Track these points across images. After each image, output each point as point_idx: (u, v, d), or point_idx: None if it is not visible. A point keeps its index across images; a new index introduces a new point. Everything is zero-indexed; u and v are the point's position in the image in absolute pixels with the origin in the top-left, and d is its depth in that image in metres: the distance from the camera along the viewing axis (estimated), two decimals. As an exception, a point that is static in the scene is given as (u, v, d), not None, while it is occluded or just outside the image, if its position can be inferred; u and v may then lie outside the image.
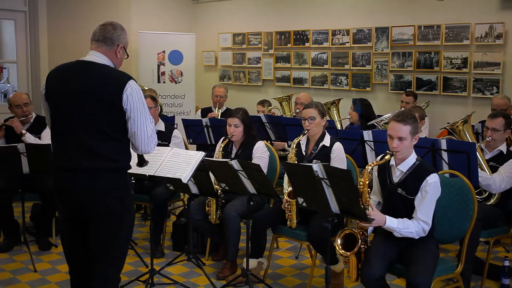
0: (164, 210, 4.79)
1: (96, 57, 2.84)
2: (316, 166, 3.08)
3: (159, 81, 7.58)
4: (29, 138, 4.88)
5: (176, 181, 3.91)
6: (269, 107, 6.34)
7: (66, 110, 2.81)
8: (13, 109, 5.00)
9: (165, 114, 6.85)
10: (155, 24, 8.01)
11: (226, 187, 3.99)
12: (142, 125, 2.80)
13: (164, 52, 7.63)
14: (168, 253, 4.84)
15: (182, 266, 4.51)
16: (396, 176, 3.34)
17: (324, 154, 4.10)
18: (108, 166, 2.80)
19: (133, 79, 2.83)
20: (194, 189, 4.15)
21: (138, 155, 3.09)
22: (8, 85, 7.42)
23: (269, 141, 5.27)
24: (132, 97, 2.75)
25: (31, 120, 5.07)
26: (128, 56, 3.00)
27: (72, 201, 2.86)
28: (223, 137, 4.59)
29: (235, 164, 3.70)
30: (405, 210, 3.29)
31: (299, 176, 3.32)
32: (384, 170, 3.40)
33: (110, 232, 2.85)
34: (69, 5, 6.83)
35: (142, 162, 3.15)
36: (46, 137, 4.99)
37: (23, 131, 4.90)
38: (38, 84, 6.48)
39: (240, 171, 3.71)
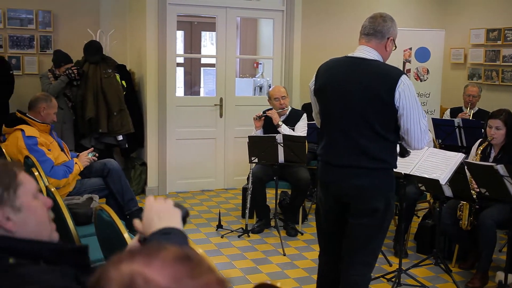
0: (412, 210, 4.70)
1: (366, 52, 2.80)
2: None
3: (404, 79, 7.43)
4: (284, 130, 5.18)
5: (431, 182, 3.79)
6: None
7: (337, 106, 2.84)
8: (272, 102, 5.35)
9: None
10: (403, 20, 7.83)
11: (486, 193, 3.74)
12: (416, 121, 2.72)
13: (411, 49, 7.44)
14: (411, 254, 4.73)
15: (427, 270, 4.37)
16: None
17: None
18: (376, 166, 2.80)
19: (405, 74, 2.75)
20: (448, 192, 3.97)
21: (399, 145, 3.06)
22: (263, 79, 7.99)
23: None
24: (405, 93, 2.68)
25: (287, 113, 5.37)
26: (396, 47, 2.92)
27: (337, 196, 2.94)
28: (481, 140, 4.32)
29: (501, 169, 3.44)
30: None
31: None
32: None
33: (370, 230, 2.88)
34: (322, 3, 7.07)
35: (404, 152, 3.11)
36: (299, 130, 5.26)
37: (280, 123, 5.22)
38: (290, 79, 6.84)
39: (506, 177, 3.43)
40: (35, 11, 6.82)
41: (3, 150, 4.26)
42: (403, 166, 3.71)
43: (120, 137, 6.08)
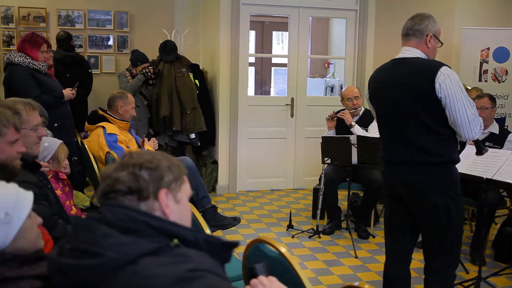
0: (492, 217, 4.52)
1: (408, 51, 2.88)
2: None
3: (480, 80, 7.16)
4: (357, 130, 5.12)
5: (514, 188, 3.65)
6: None
7: (387, 108, 2.94)
8: (345, 102, 5.30)
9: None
10: (480, 19, 7.58)
11: None
12: (461, 110, 2.70)
13: (488, 49, 7.17)
14: (488, 262, 4.56)
15: (506, 279, 4.19)
16: None
17: None
18: (431, 160, 2.80)
19: (446, 66, 2.75)
20: (532, 198, 3.81)
21: (475, 143, 3.03)
22: (334, 79, 7.92)
23: None
24: (445, 83, 2.68)
25: (360, 113, 5.30)
26: (442, 44, 2.95)
27: (398, 193, 2.98)
28: None
29: None
30: None
31: None
32: None
33: (438, 228, 2.88)
34: (395, 3, 6.93)
35: (481, 150, 3.05)
36: (372, 130, 5.17)
37: (352, 123, 5.16)
38: (363, 79, 6.75)
39: None
40: (113, 12, 7.05)
41: (85, 146, 4.42)
42: (485, 170, 3.59)
43: (193, 135, 6.20)
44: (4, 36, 6.85)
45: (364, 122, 5.24)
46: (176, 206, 1.51)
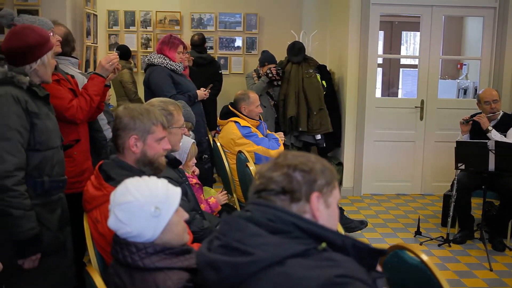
0: None
1: None
2: None
3: None
4: (495, 135, 4.82)
5: None
6: None
7: None
8: (482, 105, 5.02)
9: None
10: None
11: None
12: None
13: None
14: None
15: None
16: None
17: None
18: None
19: None
20: None
21: None
22: (467, 81, 7.54)
23: None
24: None
25: (498, 118, 4.99)
26: None
27: None
28: None
29: None
30: None
31: None
32: None
33: None
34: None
35: None
36: (511, 136, 4.86)
37: (489, 128, 4.87)
38: (500, 81, 6.33)
39: None
40: (243, 14, 7.24)
41: (217, 144, 4.58)
42: None
43: (319, 136, 6.19)
44: (143, 39, 7.29)
45: (502, 127, 4.93)
46: (326, 211, 1.50)
